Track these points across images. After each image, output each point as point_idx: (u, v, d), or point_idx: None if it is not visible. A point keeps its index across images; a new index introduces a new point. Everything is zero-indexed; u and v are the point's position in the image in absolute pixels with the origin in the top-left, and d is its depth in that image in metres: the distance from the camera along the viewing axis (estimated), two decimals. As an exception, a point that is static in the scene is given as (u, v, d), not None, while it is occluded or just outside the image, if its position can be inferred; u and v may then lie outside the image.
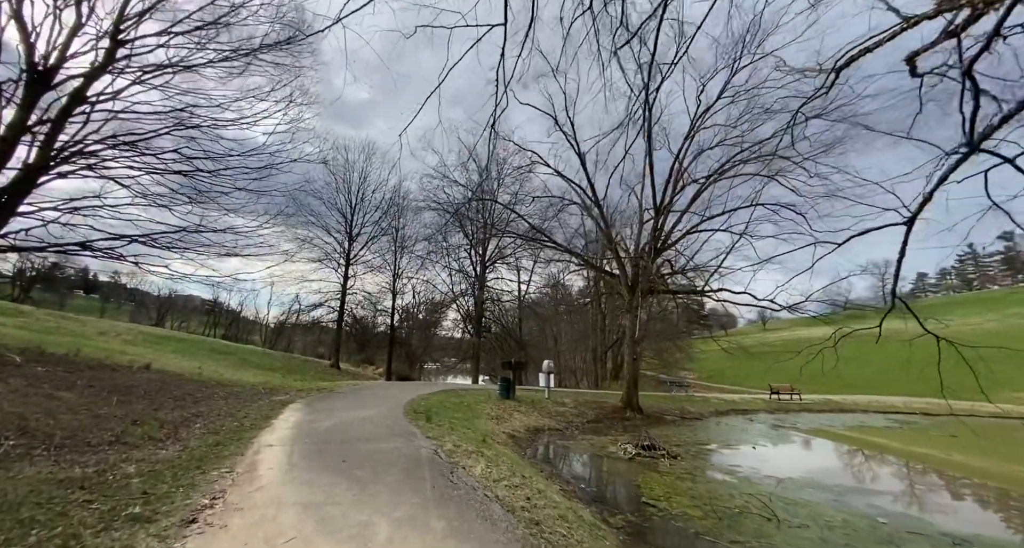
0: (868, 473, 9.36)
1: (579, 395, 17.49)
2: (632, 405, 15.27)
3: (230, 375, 16.53)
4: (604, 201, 17.02)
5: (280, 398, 11.64)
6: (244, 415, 8.43)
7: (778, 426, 15.39)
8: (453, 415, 10.71)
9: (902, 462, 10.40)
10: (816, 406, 21.44)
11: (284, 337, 54.53)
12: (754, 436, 12.95)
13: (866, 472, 9.47)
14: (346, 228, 32.18)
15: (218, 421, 7.59)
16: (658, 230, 15.80)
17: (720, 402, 20.26)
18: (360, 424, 8.08)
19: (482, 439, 8.42)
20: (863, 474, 9.26)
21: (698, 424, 15.12)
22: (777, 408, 20.33)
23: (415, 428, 8.07)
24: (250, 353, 29.21)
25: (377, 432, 7.42)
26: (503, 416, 12.20)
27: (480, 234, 34.20)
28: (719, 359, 52.06)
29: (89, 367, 9.64)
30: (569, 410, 14.61)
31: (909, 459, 10.62)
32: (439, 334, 48.51)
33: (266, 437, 6.73)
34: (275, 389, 13.36)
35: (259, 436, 6.79)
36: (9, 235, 10.09)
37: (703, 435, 12.79)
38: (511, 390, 14.49)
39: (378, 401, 11.72)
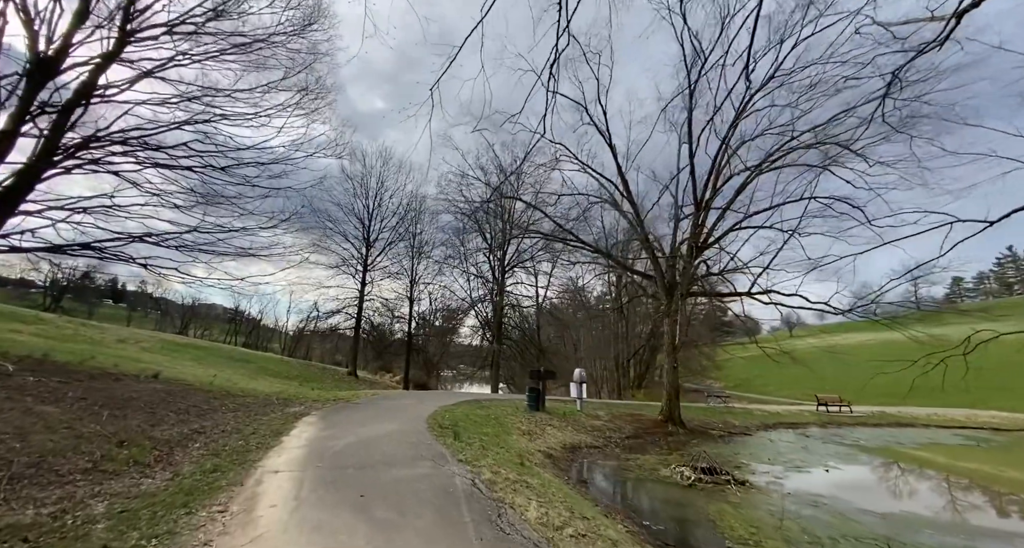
0: (981, 508, 7.89)
1: (612, 407, 16.19)
2: (674, 419, 13.92)
3: (245, 384, 15.81)
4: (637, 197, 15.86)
5: (294, 410, 10.74)
6: (252, 431, 7.49)
7: (839, 443, 13.81)
8: (482, 431, 9.61)
9: (1009, 491, 8.86)
10: (871, 419, 19.62)
11: (303, 345, 54.41)
12: (818, 455, 11.48)
13: (978, 506, 7.99)
14: (363, 234, 31.68)
15: (221, 439, 6.66)
16: (699, 226, 14.53)
17: (764, 414, 18.66)
18: (381, 442, 7.05)
19: (520, 461, 7.29)
20: (977, 509, 7.79)
21: (748, 440, 13.66)
22: (828, 421, 18.62)
23: (443, 448, 6.99)
24: (268, 361, 28.67)
25: (401, 453, 6.37)
26: (535, 431, 11.04)
27: (500, 237, 33.31)
28: (745, 367, 49.86)
29: (90, 376, 8.88)
30: (605, 424, 13.35)
31: (1012, 488, 9.08)
32: (456, 341, 47.70)
33: (273, 460, 5.74)
34: (290, 399, 12.49)
35: (265, 458, 5.81)
36: (11, 235, 9.48)
37: (760, 453, 11.37)
38: (540, 401, 13.32)
39: (399, 413, 10.71)
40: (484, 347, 39.14)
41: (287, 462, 5.63)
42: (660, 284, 15.21)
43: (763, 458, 10.79)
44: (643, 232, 15.44)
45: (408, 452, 6.47)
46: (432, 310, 43.99)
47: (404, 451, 6.51)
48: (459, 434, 8.53)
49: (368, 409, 11.23)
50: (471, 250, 36.10)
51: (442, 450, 6.78)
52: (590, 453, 10.47)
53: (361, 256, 31.52)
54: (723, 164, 14.31)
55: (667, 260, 15.60)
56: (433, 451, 6.65)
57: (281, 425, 8.31)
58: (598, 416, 14.07)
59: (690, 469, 8.48)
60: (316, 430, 8.00)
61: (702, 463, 8.62)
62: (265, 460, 5.73)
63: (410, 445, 6.99)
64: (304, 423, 8.72)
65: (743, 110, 13.48)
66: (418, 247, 33.74)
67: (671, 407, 14.11)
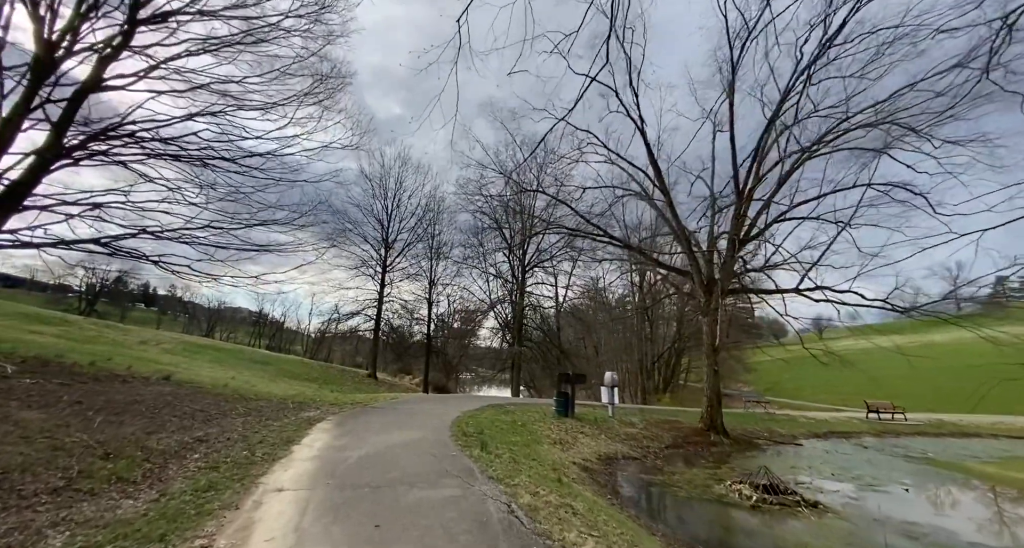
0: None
1: (645, 413, 15.09)
2: (716, 427, 12.76)
3: (262, 387, 15.33)
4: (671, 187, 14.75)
5: (309, 414, 10.07)
6: (260, 440, 6.79)
7: (904, 456, 12.41)
8: (510, 439, 8.73)
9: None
10: (929, 428, 17.96)
11: (324, 347, 54.69)
12: (886, 470, 10.20)
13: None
14: (382, 235, 31.32)
15: (225, 449, 5.95)
16: (740, 217, 13.36)
17: (811, 422, 17.23)
18: (400, 454, 6.24)
19: (557, 478, 6.39)
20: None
21: (800, 451, 12.39)
22: (883, 430, 17.06)
23: (470, 460, 6.14)
24: (288, 363, 28.42)
25: (423, 468, 5.54)
26: (567, 440, 10.10)
27: (519, 235, 32.48)
28: (775, 370, 47.56)
29: (95, 379, 8.37)
30: (640, 432, 12.30)
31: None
32: (475, 343, 47.07)
33: (278, 475, 4.99)
34: (306, 403, 11.87)
35: (269, 473, 5.06)
36: (20, 231, 9.09)
37: (821, 467, 10.16)
38: (570, 407, 12.37)
39: (420, 419, 9.94)
40: (504, 349, 38.32)
41: (293, 478, 4.87)
42: (697, 280, 14.07)
43: (825, 472, 9.59)
44: (679, 224, 14.34)
45: (431, 466, 5.64)
46: (450, 312, 43.50)
47: (426, 465, 5.68)
48: (486, 444, 7.67)
49: (387, 414, 10.49)
50: (490, 250, 35.39)
51: (469, 464, 5.92)
52: (629, 465, 9.47)
53: (380, 257, 31.18)
54: (767, 149, 13.13)
55: (703, 255, 14.45)
56: (459, 465, 5.80)
57: (293, 432, 7.60)
58: (632, 423, 13.02)
59: (749, 487, 7.42)
60: (330, 438, 7.25)
61: (762, 479, 7.54)
62: (269, 475, 4.98)
63: (433, 457, 6.16)
64: (318, 430, 8.00)
65: (791, 88, 12.29)
66: (436, 248, 33.22)
67: (712, 414, 12.95)
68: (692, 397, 47.04)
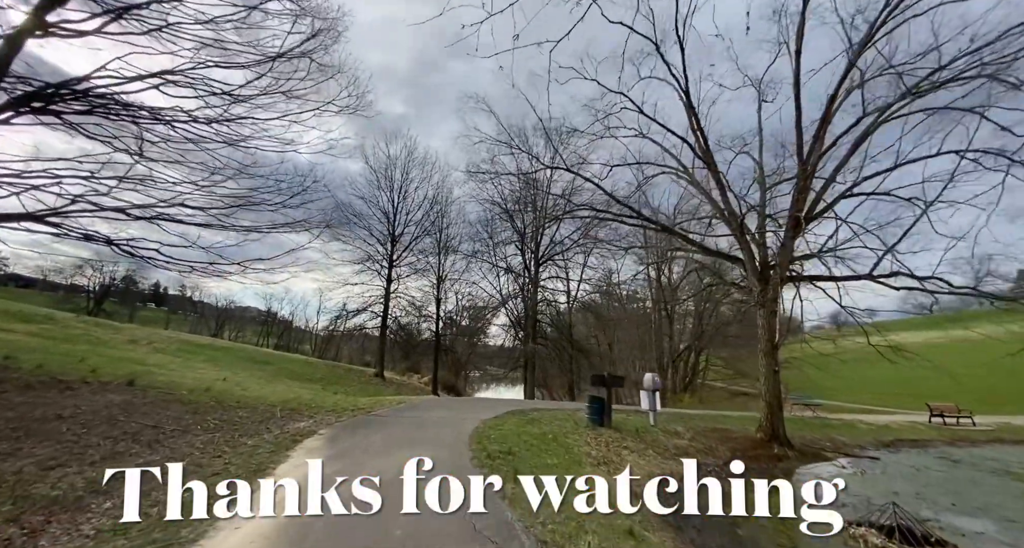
0: None
1: (687, 419, 13.16)
2: (778, 437, 10.82)
3: (255, 389, 13.70)
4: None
5: (299, 426, 8.33)
6: (217, 470, 5.03)
7: (1008, 472, 10.37)
8: (547, 462, 6.91)
9: None
10: (1004, 433, 15.81)
11: (333, 346, 53.38)
12: (1008, 497, 8.20)
13: None
14: (388, 229, 29.63)
15: (155, 492, 4.19)
16: (803, 192, 11.35)
17: (872, 428, 15.18)
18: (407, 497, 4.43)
19: (628, 528, 4.55)
20: None
21: (883, 467, 10.41)
22: (954, 437, 14.96)
23: (506, 506, 4.32)
24: (291, 362, 26.81)
25: (439, 524, 3.74)
26: (611, 459, 8.25)
27: (532, 226, 30.66)
28: (799, 368, 45.25)
29: (26, 386, 6.68)
30: (690, 444, 10.41)
31: None
32: (484, 341, 45.43)
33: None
34: (299, 410, 10.16)
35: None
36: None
37: (927, 491, 8.19)
38: (606, 414, 10.50)
39: (431, 432, 8.15)
40: (516, 347, 36.53)
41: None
42: (750, 267, 12.10)
43: (940, 501, 7.63)
44: (727, 203, 12.36)
45: (452, 522, 3.81)
46: (459, 309, 41.87)
47: (445, 521, 3.85)
48: (519, 468, 5.86)
49: (392, 425, 8.71)
50: (501, 242, 33.55)
51: (506, 514, 4.10)
52: (693, 491, 7.58)
53: (386, 252, 29.51)
54: (836, 109, 11.08)
55: (756, 238, 12.46)
56: (494, 519, 3.97)
57: (268, 456, 5.85)
58: (678, 433, 11.12)
59: (877, 533, 5.51)
60: (314, 467, 5.48)
61: (889, 519, 5.63)
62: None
63: (454, 501, 4.34)
64: (301, 452, 6.22)
65: (873, 34, 10.21)
66: (444, 242, 31.46)
67: (773, 422, 11.00)
68: (714, 396, 44.89)
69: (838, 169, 11.17)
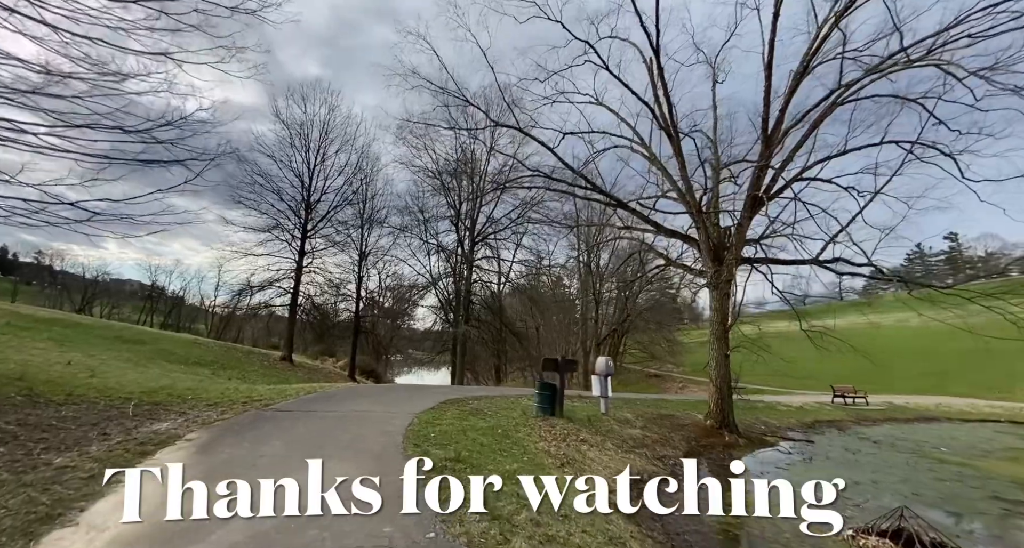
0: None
1: (633, 405, 12.49)
2: (727, 424, 10.46)
3: (116, 376, 10.69)
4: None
5: (156, 428, 5.99)
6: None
7: (922, 453, 10.95)
8: (505, 467, 5.44)
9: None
10: (894, 413, 17.53)
11: (233, 326, 47.17)
12: (949, 481, 8.34)
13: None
14: (303, 193, 25.93)
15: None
16: (763, 169, 10.91)
17: (790, 410, 15.88)
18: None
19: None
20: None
21: (822, 451, 10.46)
22: (859, 417, 16.17)
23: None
24: (173, 342, 22.42)
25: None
26: (572, 457, 7.01)
27: (470, 201, 28.76)
28: (700, 352, 48.91)
29: None
30: (644, 433, 9.59)
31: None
32: (410, 324, 43.00)
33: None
34: (165, 404, 7.64)
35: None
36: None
37: (885, 482, 8.05)
38: (558, 403, 9.31)
39: (352, 430, 6.29)
40: (445, 330, 34.72)
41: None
42: (705, 247, 11.56)
43: (899, 490, 7.44)
44: (685, 179, 11.64)
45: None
46: (382, 289, 38.90)
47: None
48: (488, 496, 4.31)
49: (297, 425, 6.65)
50: (433, 217, 31.18)
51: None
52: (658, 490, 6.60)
53: (299, 221, 25.81)
54: (797, 86, 10.67)
55: (711, 218, 11.94)
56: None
57: (75, 492, 3.65)
58: (628, 421, 10.30)
59: (878, 538, 4.80)
60: (161, 503, 3.41)
61: (894, 523, 4.98)
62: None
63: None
64: (140, 480, 4.07)
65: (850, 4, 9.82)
66: (369, 213, 28.39)
67: (723, 408, 10.61)
68: (631, 378, 46.94)
69: (799, 145, 10.86)
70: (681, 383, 43.46)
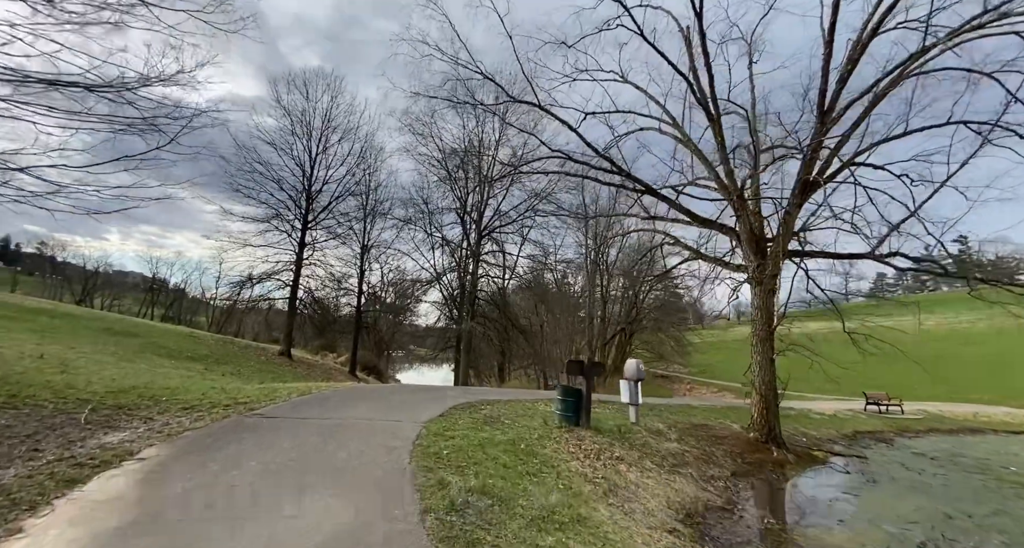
0: None
1: (663, 413, 11.27)
2: (775, 438, 9.25)
3: (93, 371, 9.67)
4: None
5: (107, 441, 4.85)
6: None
7: (985, 472, 9.70)
8: (542, 501, 4.26)
9: None
10: (934, 423, 16.27)
11: (234, 319, 46.22)
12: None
13: None
14: (304, 183, 24.80)
15: None
16: (816, 149, 9.63)
17: (823, 418, 14.64)
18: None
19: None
20: None
21: (876, 468, 9.23)
22: (899, 428, 14.91)
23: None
24: (166, 335, 21.31)
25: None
26: (613, 480, 5.80)
27: (478, 192, 27.53)
28: (706, 353, 47.48)
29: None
30: (682, 448, 8.38)
31: None
32: (412, 320, 41.93)
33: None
34: (131, 408, 6.52)
35: None
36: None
37: (972, 509, 6.83)
38: (583, 411, 8.12)
39: (348, 450, 5.11)
40: (448, 327, 33.56)
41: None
42: (746, 238, 10.33)
43: (1002, 525, 6.23)
44: (725, 163, 10.40)
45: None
46: (385, 283, 37.80)
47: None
48: (512, 535, 3.16)
49: (282, 438, 5.47)
50: (439, 209, 29.95)
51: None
52: (730, 529, 5.40)
53: (300, 211, 24.69)
54: (861, 54, 9.36)
55: (740, 204, 10.66)
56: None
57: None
58: (662, 432, 9.09)
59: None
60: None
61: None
62: None
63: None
64: (48, 532, 2.92)
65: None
66: (372, 205, 27.24)
67: (768, 420, 9.38)
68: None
69: (859, 122, 9.53)
70: (689, 384, 42.30)
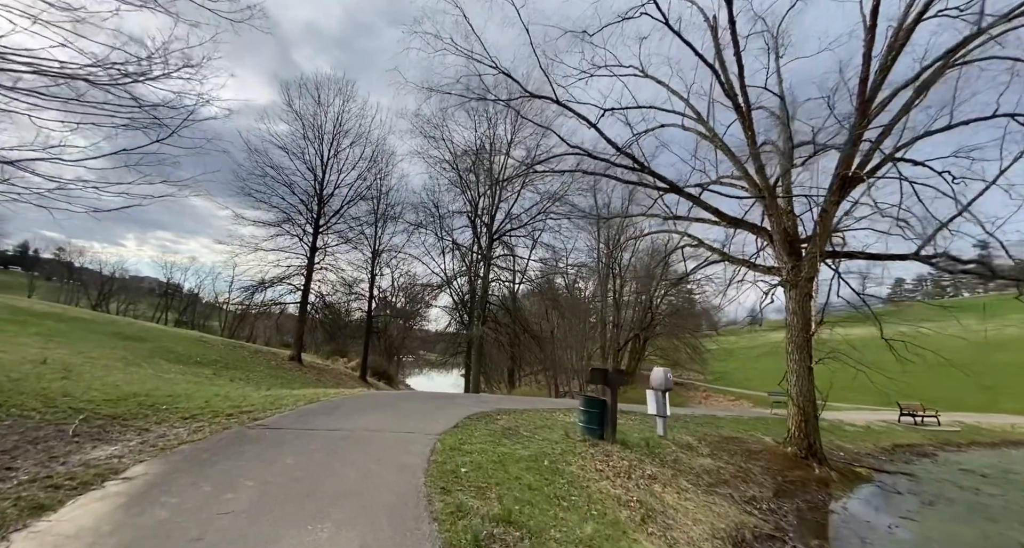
0: None
1: (692, 426, 10.60)
2: (815, 452, 8.54)
3: (96, 377, 9.34)
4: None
5: (93, 456, 4.39)
6: None
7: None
8: (575, 531, 3.69)
9: None
10: (975, 436, 15.30)
11: (247, 324, 46.35)
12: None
13: None
14: (315, 187, 24.67)
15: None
16: (856, 141, 8.99)
17: (858, 430, 13.79)
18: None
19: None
20: None
21: (929, 487, 8.47)
22: (939, 441, 14.00)
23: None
24: (176, 340, 21.13)
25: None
26: (647, 503, 5.21)
27: (489, 194, 27.09)
28: (719, 360, 46.12)
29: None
30: (715, 464, 7.73)
31: None
32: (422, 325, 41.61)
33: None
34: (127, 418, 6.11)
35: None
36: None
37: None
38: (608, 423, 7.52)
39: (355, 468, 4.58)
40: (459, 332, 33.05)
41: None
42: (780, 238, 9.68)
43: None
44: (756, 159, 9.80)
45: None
46: (395, 288, 37.53)
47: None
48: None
49: (285, 453, 4.97)
50: (450, 213, 29.58)
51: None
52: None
53: (311, 215, 24.55)
54: (907, 39, 8.74)
55: (771, 204, 10.03)
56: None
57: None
58: (692, 446, 8.44)
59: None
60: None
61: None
62: None
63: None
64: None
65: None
66: (383, 210, 27.01)
67: (807, 433, 8.67)
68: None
69: (904, 112, 8.87)
70: (705, 392, 41.19)
